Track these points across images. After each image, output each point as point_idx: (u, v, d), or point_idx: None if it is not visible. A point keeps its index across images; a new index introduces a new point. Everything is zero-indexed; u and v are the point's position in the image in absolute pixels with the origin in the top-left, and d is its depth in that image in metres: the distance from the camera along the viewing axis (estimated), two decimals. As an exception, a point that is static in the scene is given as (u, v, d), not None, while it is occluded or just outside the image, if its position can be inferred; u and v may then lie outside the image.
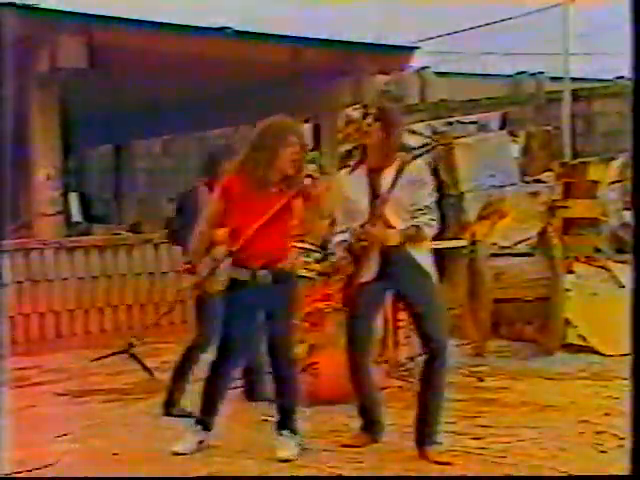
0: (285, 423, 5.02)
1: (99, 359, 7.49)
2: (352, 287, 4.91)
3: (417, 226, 4.80)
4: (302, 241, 5.82)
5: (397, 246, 4.81)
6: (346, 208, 4.99)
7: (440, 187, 10.01)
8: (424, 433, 4.89)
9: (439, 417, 4.94)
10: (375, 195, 4.87)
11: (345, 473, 4.66)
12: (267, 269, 4.93)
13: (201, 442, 5.08)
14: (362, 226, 4.83)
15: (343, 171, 5.17)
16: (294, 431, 5.01)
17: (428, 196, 4.90)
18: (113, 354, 7.28)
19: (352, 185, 4.96)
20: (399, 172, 4.81)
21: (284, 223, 4.94)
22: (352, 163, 5.11)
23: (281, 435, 5.00)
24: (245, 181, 4.93)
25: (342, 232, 4.98)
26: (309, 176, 4.90)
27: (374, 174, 4.90)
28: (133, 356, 6.99)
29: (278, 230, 4.90)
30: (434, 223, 4.88)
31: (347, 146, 9.38)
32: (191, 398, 5.55)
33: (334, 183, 5.24)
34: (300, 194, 4.94)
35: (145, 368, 7.01)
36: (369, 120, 4.88)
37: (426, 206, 4.84)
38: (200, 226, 5.11)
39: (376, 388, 5.27)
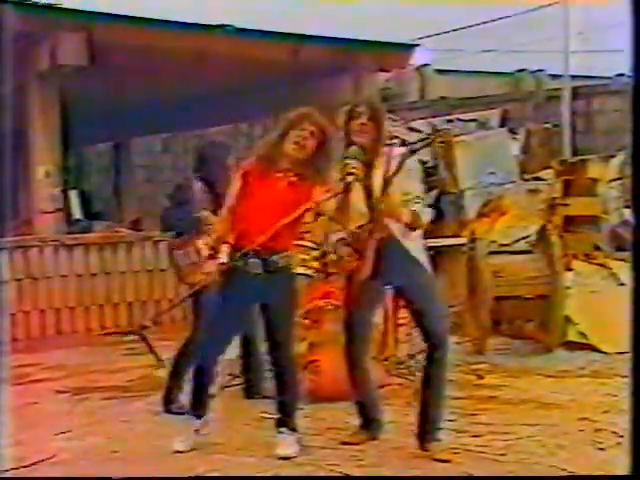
0: (285, 420, 5.01)
1: (110, 334, 8.15)
2: (352, 285, 4.91)
3: (414, 212, 4.77)
4: (302, 238, 5.80)
5: (393, 241, 4.81)
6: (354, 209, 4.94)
7: (440, 185, 10.06)
8: (425, 430, 4.90)
9: (440, 414, 4.94)
10: (368, 191, 4.85)
11: (345, 471, 4.66)
12: (260, 258, 4.88)
13: (197, 431, 5.07)
14: (361, 227, 4.80)
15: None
16: (294, 428, 5.00)
17: (418, 185, 4.89)
18: (125, 333, 7.57)
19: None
20: (388, 167, 4.80)
21: (292, 215, 4.83)
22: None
23: (281, 432, 4.99)
24: (258, 166, 4.94)
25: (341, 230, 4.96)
26: (350, 174, 4.68)
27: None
28: (144, 338, 7.01)
29: (282, 220, 4.81)
30: (429, 211, 4.88)
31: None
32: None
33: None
34: (322, 185, 4.82)
35: (152, 352, 7.02)
36: (363, 119, 4.83)
37: (418, 196, 4.80)
38: (222, 212, 5.07)
39: (375, 386, 5.27)
